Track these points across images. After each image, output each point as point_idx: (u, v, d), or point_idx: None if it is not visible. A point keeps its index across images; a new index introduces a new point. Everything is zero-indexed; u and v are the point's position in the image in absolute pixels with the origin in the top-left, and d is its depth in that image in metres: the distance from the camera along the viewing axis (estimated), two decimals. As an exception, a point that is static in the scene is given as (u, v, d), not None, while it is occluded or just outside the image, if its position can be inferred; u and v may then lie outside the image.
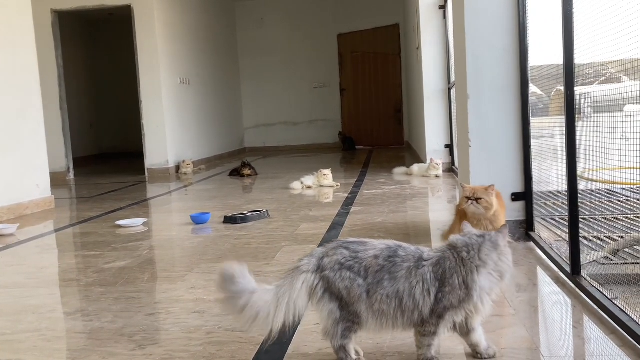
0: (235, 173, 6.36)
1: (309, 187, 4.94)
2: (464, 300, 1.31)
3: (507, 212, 2.50)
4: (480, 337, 1.39)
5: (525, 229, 2.63)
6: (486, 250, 1.34)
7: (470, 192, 2.22)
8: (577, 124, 1.97)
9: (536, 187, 2.63)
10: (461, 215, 2.31)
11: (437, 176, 5.18)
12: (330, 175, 4.99)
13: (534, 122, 2.63)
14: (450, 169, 5.57)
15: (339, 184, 4.98)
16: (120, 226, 3.56)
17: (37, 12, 4.97)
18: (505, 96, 2.63)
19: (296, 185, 4.97)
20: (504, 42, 2.61)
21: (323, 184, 4.95)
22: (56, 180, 5.61)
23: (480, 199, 2.19)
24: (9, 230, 3.53)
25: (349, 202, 4.05)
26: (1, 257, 2.96)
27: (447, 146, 5.75)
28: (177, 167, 7.11)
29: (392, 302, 1.32)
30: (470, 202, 2.20)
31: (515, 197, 2.63)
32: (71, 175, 7.06)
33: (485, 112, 2.65)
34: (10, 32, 4.35)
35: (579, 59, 1.95)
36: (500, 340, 1.54)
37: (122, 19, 9.89)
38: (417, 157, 7.08)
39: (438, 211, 3.81)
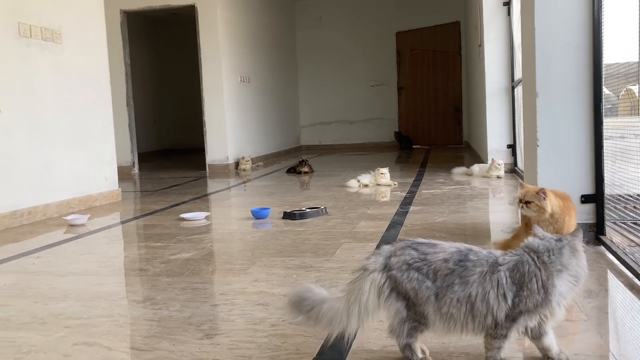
0: (293, 170, 6.43)
1: (366, 186, 4.93)
2: (541, 304, 1.28)
3: (576, 214, 2.41)
4: (551, 341, 1.35)
5: (595, 232, 2.53)
6: (567, 254, 1.30)
7: (521, 194, 2.16)
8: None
9: (607, 190, 2.53)
10: (526, 219, 2.26)
11: (498, 177, 5.06)
12: (388, 174, 4.96)
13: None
14: (512, 170, 5.43)
15: (396, 183, 4.95)
16: (184, 219, 3.67)
17: (107, 13, 5.19)
18: (577, 94, 2.54)
19: (353, 184, 4.97)
20: (576, 38, 2.52)
21: (380, 183, 4.92)
22: (122, 174, 5.84)
23: (530, 202, 2.12)
24: (80, 220, 3.71)
25: (407, 202, 4.02)
26: (73, 246, 3.11)
27: (509, 146, 5.61)
28: (237, 164, 7.26)
29: (462, 307, 1.30)
30: (521, 204, 2.15)
31: (585, 199, 2.54)
32: (136, 170, 7.34)
33: (555, 111, 2.57)
34: (85, 33, 4.56)
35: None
36: (572, 346, 1.50)
37: (185, 18, 10.18)
38: (477, 157, 6.93)
39: (499, 212, 3.72)
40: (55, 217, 4.02)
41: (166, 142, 11.39)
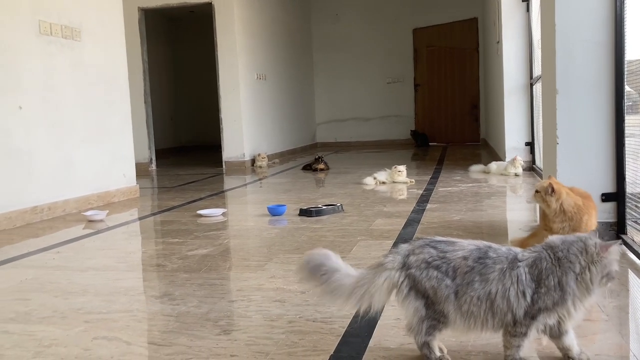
0: (309, 167, 6.43)
1: (383, 183, 4.92)
2: (558, 303, 1.26)
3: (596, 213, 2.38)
4: (572, 341, 1.34)
5: (616, 231, 2.50)
6: (575, 251, 1.28)
7: (538, 186, 2.20)
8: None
9: (628, 188, 2.49)
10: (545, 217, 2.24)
11: (516, 175, 5.01)
12: (405, 172, 4.93)
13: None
14: (531, 168, 5.37)
15: (413, 181, 4.92)
16: (201, 215, 3.70)
17: (125, 10, 5.24)
18: (598, 91, 2.50)
19: (369, 181, 4.95)
20: (597, 34, 2.48)
21: (397, 181, 4.90)
22: (139, 171, 5.88)
23: (537, 192, 2.17)
24: (99, 216, 3.75)
25: (424, 199, 4.00)
26: (93, 241, 3.14)
27: (527, 144, 5.55)
28: (253, 160, 7.29)
29: (482, 304, 1.29)
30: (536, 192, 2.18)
31: (606, 197, 2.50)
32: (153, 166, 7.40)
33: (575, 108, 2.53)
34: (104, 30, 4.60)
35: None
36: (592, 346, 1.48)
37: (202, 15, 10.22)
38: (494, 154, 6.87)
39: (517, 211, 3.69)
40: (75, 213, 4.07)
41: (183, 139, 11.46)
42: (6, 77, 3.65)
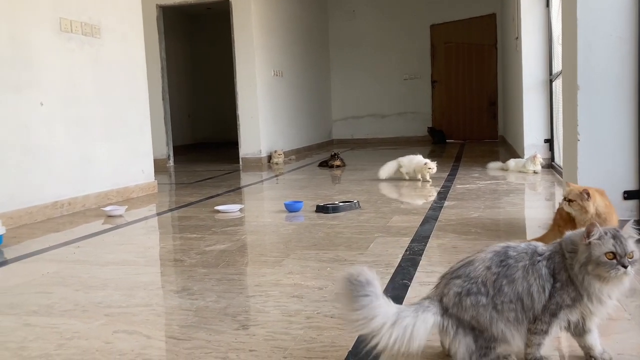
0: (325, 164, 6.43)
1: (408, 174, 4.88)
2: (575, 298, 1.25)
3: (618, 211, 2.34)
4: (595, 340, 1.32)
5: (638, 229, 2.45)
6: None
7: (566, 192, 2.15)
8: None
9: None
10: (559, 219, 2.22)
11: (535, 172, 4.96)
12: (435, 169, 4.79)
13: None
14: (550, 165, 5.31)
15: (430, 180, 4.87)
16: (218, 211, 3.72)
17: (143, 8, 5.28)
18: (620, 87, 2.47)
19: (391, 166, 4.93)
20: (619, 29, 2.44)
21: (423, 178, 4.80)
22: (157, 167, 5.93)
23: (572, 200, 2.10)
24: (118, 211, 3.79)
25: (441, 196, 3.98)
26: (112, 236, 3.18)
27: (546, 141, 5.49)
28: (269, 157, 7.31)
29: (516, 306, 1.26)
30: (565, 201, 2.13)
31: (628, 195, 2.47)
32: (171, 163, 7.46)
33: (597, 105, 2.50)
34: (122, 27, 4.64)
35: None
36: (615, 346, 1.46)
37: (220, 12, 10.26)
38: (512, 151, 6.80)
39: (536, 208, 3.65)
40: (94, 208, 4.12)
41: (200, 136, 11.54)
42: (27, 73, 3.70)
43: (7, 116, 3.55)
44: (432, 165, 4.74)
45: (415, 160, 4.86)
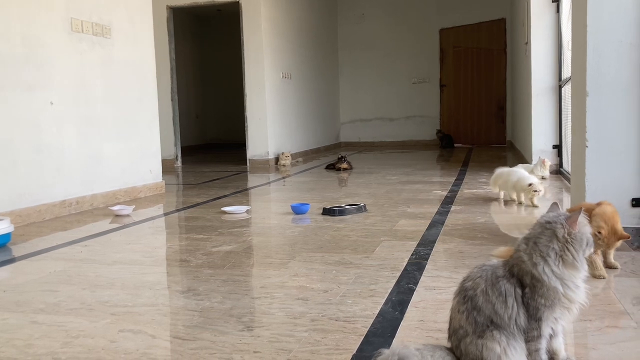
0: (332, 167, 6.44)
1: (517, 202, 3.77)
2: (551, 296, 1.23)
3: (626, 218, 2.34)
4: (560, 344, 1.31)
5: (646, 237, 2.44)
6: (544, 241, 1.25)
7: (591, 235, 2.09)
8: None
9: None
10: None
11: (543, 177, 4.93)
12: (542, 191, 3.63)
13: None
14: (558, 171, 5.29)
15: (538, 205, 3.62)
16: (225, 212, 3.73)
17: (154, 9, 5.31)
18: (629, 94, 2.45)
19: (528, 180, 3.61)
20: (630, 35, 2.43)
21: (524, 201, 3.71)
22: (165, 167, 5.96)
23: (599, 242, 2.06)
24: (126, 211, 3.81)
25: (448, 201, 3.97)
26: (119, 235, 3.19)
27: (555, 146, 5.46)
28: (277, 159, 7.32)
29: (491, 327, 1.25)
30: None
31: (636, 202, 2.45)
32: (179, 163, 7.49)
33: (606, 111, 2.49)
34: (133, 28, 4.67)
35: None
36: (620, 354, 1.45)
37: (229, 15, 10.31)
38: (520, 156, 6.78)
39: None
40: (102, 207, 4.15)
41: (208, 137, 11.58)
42: (38, 73, 3.73)
43: (18, 115, 3.58)
44: (540, 188, 3.55)
45: (516, 178, 3.68)
